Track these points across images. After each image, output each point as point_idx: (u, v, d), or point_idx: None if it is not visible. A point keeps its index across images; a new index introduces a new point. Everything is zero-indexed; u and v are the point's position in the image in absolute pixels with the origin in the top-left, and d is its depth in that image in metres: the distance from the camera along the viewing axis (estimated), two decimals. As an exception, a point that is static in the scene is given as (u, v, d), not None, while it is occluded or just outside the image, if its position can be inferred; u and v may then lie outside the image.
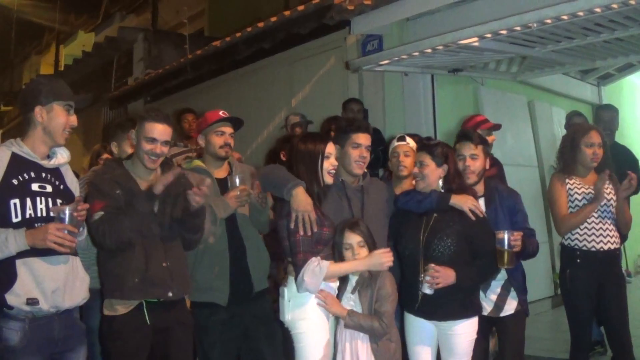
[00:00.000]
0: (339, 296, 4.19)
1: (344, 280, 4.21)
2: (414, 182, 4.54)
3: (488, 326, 4.66)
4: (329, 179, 4.24)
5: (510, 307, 4.60)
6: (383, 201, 4.66)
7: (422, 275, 4.16)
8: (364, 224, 4.24)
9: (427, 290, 4.14)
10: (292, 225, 4.01)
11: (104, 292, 4.12)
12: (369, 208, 4.55)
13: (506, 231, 4.24)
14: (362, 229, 4.18)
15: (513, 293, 4.61)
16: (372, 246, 4.16)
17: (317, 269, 3.97)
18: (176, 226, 4.26)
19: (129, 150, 4.97)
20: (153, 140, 4.11)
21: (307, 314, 4.11)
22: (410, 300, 4.29)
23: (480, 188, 4.66)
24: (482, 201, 4.60)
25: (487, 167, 4.69)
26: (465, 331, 4.23)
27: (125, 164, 4.27)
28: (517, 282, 4.62)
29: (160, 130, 4.13)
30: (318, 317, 4.11)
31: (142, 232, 4.04)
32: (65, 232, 3.39)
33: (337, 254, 4.19)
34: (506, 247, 4.22)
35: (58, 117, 3.58)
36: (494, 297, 4.59)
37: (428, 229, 4.30)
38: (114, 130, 5.31)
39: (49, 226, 3.36)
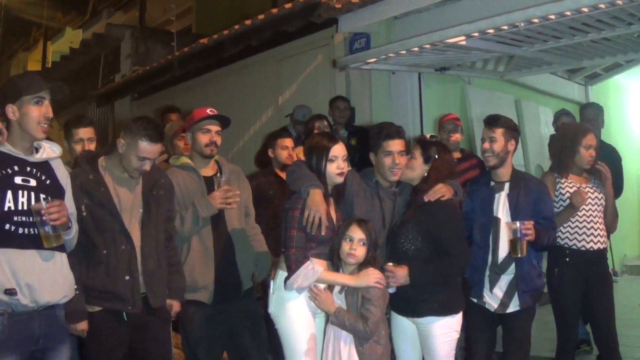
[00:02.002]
0: None
1: None
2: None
3: (492, 324, 4.69)
4: (339, 179, 4.22)
5: (516, 304, 4.61)
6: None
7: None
8: (372, 226, 4.23)
9: (389, 290, 4.17)
10: (303, 222, 4.02)
11: None
12: (400, 212, 4.54)
13: (518, 221, 4.35)
14: (369, 229, 4.17)
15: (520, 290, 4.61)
16: (372, 249, 4.16)
17: (310, 272, 4.00)
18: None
19: (78, 149, 5.05)
20: (144, 159, 4.11)
21: (288, 309, 4.12)
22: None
23: (506, 172, 4.73)
24: (507, 185, 4.69)
25: (511, 149, 4.72)
26: (442, 332, 4.23)
27: (101, 164, 4.21)
28: (524, 273, 4.59)
29: (153, 152, 4.13)
30: (300, 311, 4.12)
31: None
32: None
33: (336, 244, 4.17)
34: (518, 235, 4.32)
35: (29, 111, 3.53)
36: (500, 293, 4.60)
37: (398, 223, 4.36)
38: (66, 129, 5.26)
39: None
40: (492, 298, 4.61)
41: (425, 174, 4.41)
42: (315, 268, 4.01)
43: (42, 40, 25.00)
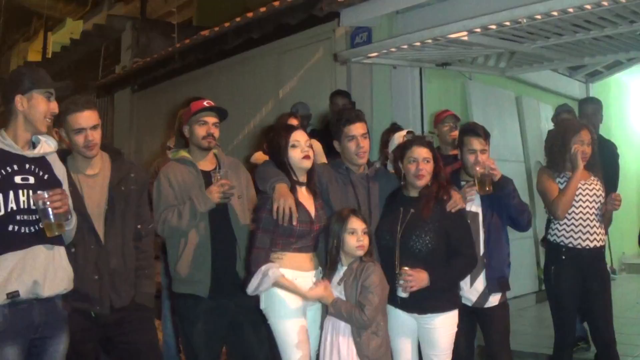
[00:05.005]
0: None
1: (333, 269, 4.21)
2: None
3: (471, 318, 4.70)
4: (306, 164, 4.24)
5: (495, 299, 4.64)
6: (388, 191, 4.65)
7: (397, 276, 4.18)
8: (362, 213, 4.27)
9: (402, 293, 4.16)
10: (274, 216, 4.02)
11: None
12: (374, 196, 4.59)
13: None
14: (365, 217, 4.20)
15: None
16: (370, 235, 4.17)
17: (265, 279, 4.03)
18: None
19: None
20: (81, 130, 4.08)
21: (277, 303, 4.15)
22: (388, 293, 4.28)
23: None
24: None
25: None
26: (444, 325, 4.27)
27: (69, 160, 4.19)
28: (494, 260, 4.66)
29: (85, 118, 4.10)
30: (289, 305, 4.13)
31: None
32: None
33: (334, 240, 4.16)
34: (486, 172, 4.49)
35: (38, 104, 3.57)
36: (480, 287, 4.62)
37: (405, 222, 4.30)
38: None
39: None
40: (471, 292, 4.63)
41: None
42: (270, 274, 4.02)
43: (43, 30, 24.94)
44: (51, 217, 3.47)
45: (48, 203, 3.44)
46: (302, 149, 4.21)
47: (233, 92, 10.35)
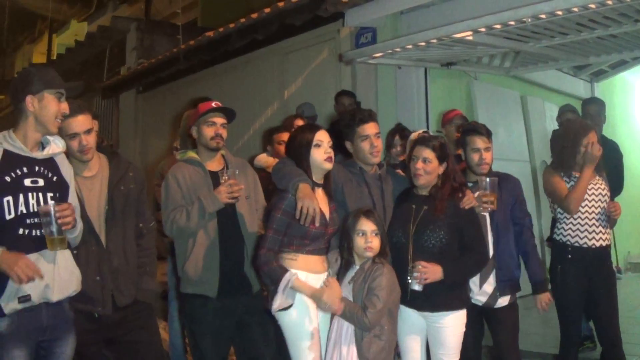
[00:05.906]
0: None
1: (347, 268, 4.20)
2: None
3: (480, 318, 4.70)
4: (327, 165, 4.22)
5: (504, 299, 4.65)
6: (399, 191, 4.66)
7: (410, 270, 4.18)
8: (377, 213, 4.25)
9: (416, 286, 4.15)
10: (297, 215, 3.99)
11: None
12: (387, 195, 4.60)
13: (487, 178, 4.52)
14: (377, 217, 4.17)
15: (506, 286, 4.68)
16: (383, 236, 4.15)
17: (288, 285, 3.99)
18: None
19: None
20: (75, 135, 4.10)
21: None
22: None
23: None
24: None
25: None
26: (453, 324, 4.26)
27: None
28: (503, 262, 4.67)
29: (78, 123, 4.11)
30: (301, 306, 4.10)
31: None
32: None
33: (345, 239, 4.17)
34: (488, 189, 4.49)
35: (49, 105, 3.55)
36: (489, 288, 4.62)
37: (418, 219, 4.30)
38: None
39: (20, 260, 3.35)
40: (481, 294, 4.64)
41: (442, 173, 4.42)
42: (290, 282, 4.00)
43: (48, 32, 25.01)
44: (55, 230, 3.45)
45: (59, 217, 3.44)
46: (325, 149, 4.20)
47: (238, 93, 10.36)
